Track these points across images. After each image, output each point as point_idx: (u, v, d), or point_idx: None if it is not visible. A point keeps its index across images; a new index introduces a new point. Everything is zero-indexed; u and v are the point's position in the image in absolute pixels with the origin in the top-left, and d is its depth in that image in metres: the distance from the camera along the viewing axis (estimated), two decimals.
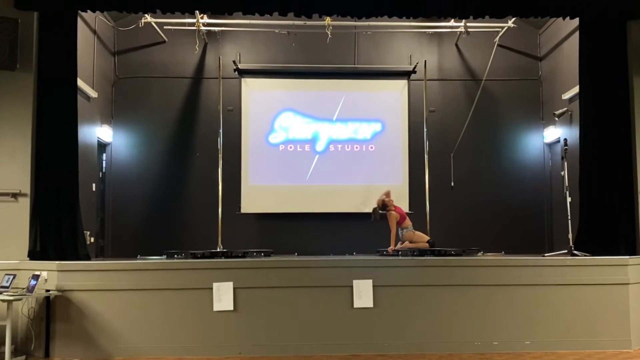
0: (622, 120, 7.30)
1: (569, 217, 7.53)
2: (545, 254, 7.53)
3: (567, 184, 7.65)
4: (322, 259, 7.14)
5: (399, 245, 8.62)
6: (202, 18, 9.81)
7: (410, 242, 8.60)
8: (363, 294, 6.23)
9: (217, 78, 10.04)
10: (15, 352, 5.97)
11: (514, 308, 6.30)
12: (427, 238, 8.55)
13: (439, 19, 10.07)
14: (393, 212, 8.70)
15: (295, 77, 10.71)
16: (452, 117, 10.66)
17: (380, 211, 8.83)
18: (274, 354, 6.12)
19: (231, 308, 6.16)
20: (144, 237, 10.06)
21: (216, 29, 10.40)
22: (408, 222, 8.83)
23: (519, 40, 10.76)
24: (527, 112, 10.82)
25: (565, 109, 9.51)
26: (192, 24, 9.91)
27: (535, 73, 10.91)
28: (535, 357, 5.98)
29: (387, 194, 8.89)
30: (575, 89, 8.54)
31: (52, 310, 6.12)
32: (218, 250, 8.32)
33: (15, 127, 6.82)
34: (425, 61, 10.37)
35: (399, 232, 8.76)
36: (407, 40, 10.89)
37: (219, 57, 10.03)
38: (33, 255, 6.61)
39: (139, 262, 6.98)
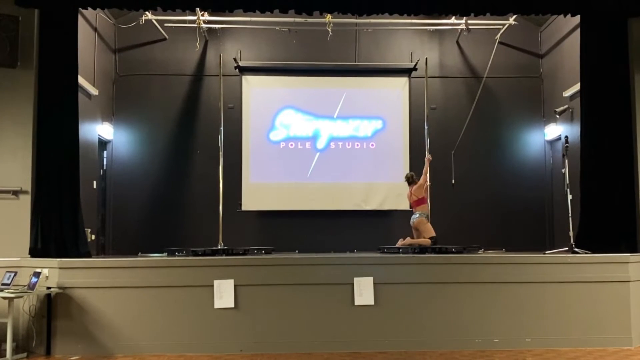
0: (623, 118, 7.29)
1: (570, 215, 7.53)
2: (546, 252, 7.53)
3: (568, 182, 7.65)
4: (323, 256, 7.13)
5: (399, 243, 8.62)
6: (202, 15, 9.81)
7: (416, 229, 8.60)
8: (364, 291, 6.23)
9: (217, 75, 10.04)
10: (16, 350, 5.97)
11: (514, 305, 6.29)
12: (432, 234, 8.53)
13: (440, 16, 10.04)
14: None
15: (296, 75, 10.70)
16: (453, 114, 10.65)
17: (409, 183, 8.95)
18: (275, 351, 6.12)
19: (232, 305, 6.17)
20: (144, 235, 10.08)
21: (217, 26, 10.40)
22: (426, 208, 8.78)
23: (520, 37, 10.75)
24: (528, 110, 10.81)
25: (566, 106, 9.50)
26: (193, 22, 9.91)
27: (536, 70, 10.90)
28: (535, 354, 5.97)
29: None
30: (577, 87, 8.53)
31: (53, 308, 6.12)
32: (219, 247, 8.35)
33: (16, 124, 6.82)
34: (426, 58, 10.37)
35: (413, 216, 8.76)
36: (408, 37, 10.88)
37: (220, 55, 10.04)
38: (34, 252, 6.61)
39: (140, 259, 6.98)
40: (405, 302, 6.27)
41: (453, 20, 10.25)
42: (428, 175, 8.95)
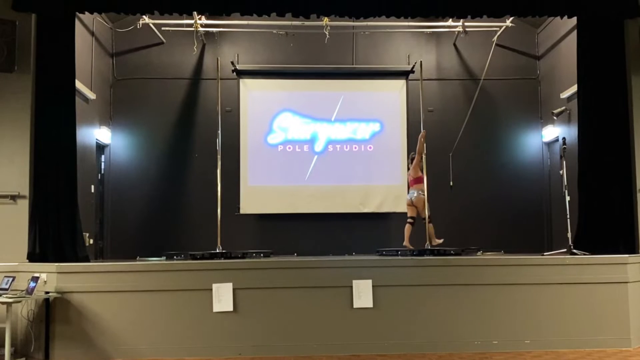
0: (621, 119, 7.31)
1: (568, 216, 7.53)
2: (545, 253, 7.53)
3: (565, 183, 7.65)
4: (322, 259, 7.14)
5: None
6: (200, 19, 9.81)
7: (414, 207, 8.81)
8: (363, 294, 6.22)
9: (215, 79, 10.00)
10: (15, 354, 5.96)
11: (513, 307, 6.30)
12: (428, 214, 8.66)
13: (437, 19, 10.07)
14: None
15: (294, 78, 10.71)
16: (451, 116, 10.66)
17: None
18: (274, 354, 6.12)
19: (231, 309, 6.16)
20: (143, 239, 10.06)
21: (214, 29, 10.41)
22: (422, 187, 8.77)
23: (517, 39, 10.77)
24: (525, 112, 10.83)
25: (563, 107, 9.52)
26: (190, 25, 9.91)
27: (533, 72, 10.91)
28: (535, 356, 5.98)
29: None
30: (574, 88, 8.54)
31: (51, 312, 6.11)
32: (217, 251, 8.32)
33: (13, 129, 6.82)
34: (421, 62, 10.25)
35: (411, 194, 8.89)
36: (405, 40, 10.90)
37: (217, 58, 10.00)
38: (32, 257, 6.60)
39: (138, 263, 6.98)
40: (404, 304, 6.27)
41: (450, 22, 10.26)
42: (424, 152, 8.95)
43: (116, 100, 10.50)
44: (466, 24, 10.17)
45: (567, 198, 7.61)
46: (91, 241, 9.38)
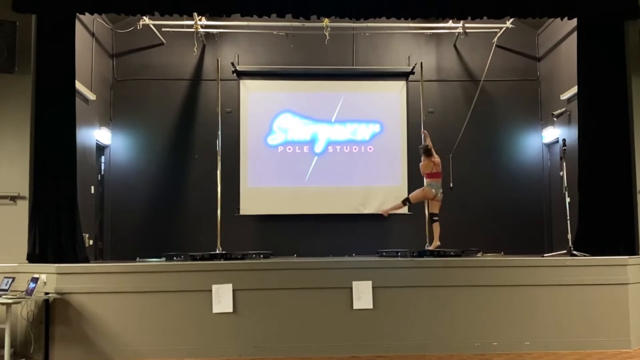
0: (621, 120, 7.30)
1: (568, 218, 7.53)
2: (545, 255, 7.53)
3: (565, 184, 7.65)
4: (322, 260, 7.13)
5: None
6: (200, 20, 9.81)
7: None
8: (363, 295, 6.22)
9: (215, 80, 10.02)
10: (14, 356, 5.96)
11: (513, 308, 6.30)
12: (416, 199, 8.73)
13: (437, 20, 10.07)
14: (434, 160, 8.66)
15: (294, 79, 10.71)
16: (451, 118, 10.65)
17: (424, 154, 8.72)
18: (274, 355, 6.12)
19: (230, 310, 6.16)
20: (142, 239, 10.05)
21: (214, 30, 10.41)
22: (435, 181, 8.66)
23: (517, 40, 10.77)
24: (525, 113, 10.82)
25: (563, 109, 9.52)
26: (191, 26, 9.91)
27: (533, 73, 10.91)
28: (534, 357, 5.98)
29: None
30: (574, 89, 8.54)
31: (51, 313, 6.12)
32: (217, 252, 8.33)
33: (13, 130, 6.82)
34: (421, 63, 10.31)
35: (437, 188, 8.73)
36: (405, 41, 10.89)
37: (218, 59, 10.02)
38: (32, 258, 6.60)
39: (138, 264, 6.97)
40: (404, 305, 6.28)
41: (450, 23, 10.26)
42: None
43: (116, 101, 10.50)
44: (466, 25, 10.16)
45: (567, 199, 7.60)
46: (91, 242, 9.38)
